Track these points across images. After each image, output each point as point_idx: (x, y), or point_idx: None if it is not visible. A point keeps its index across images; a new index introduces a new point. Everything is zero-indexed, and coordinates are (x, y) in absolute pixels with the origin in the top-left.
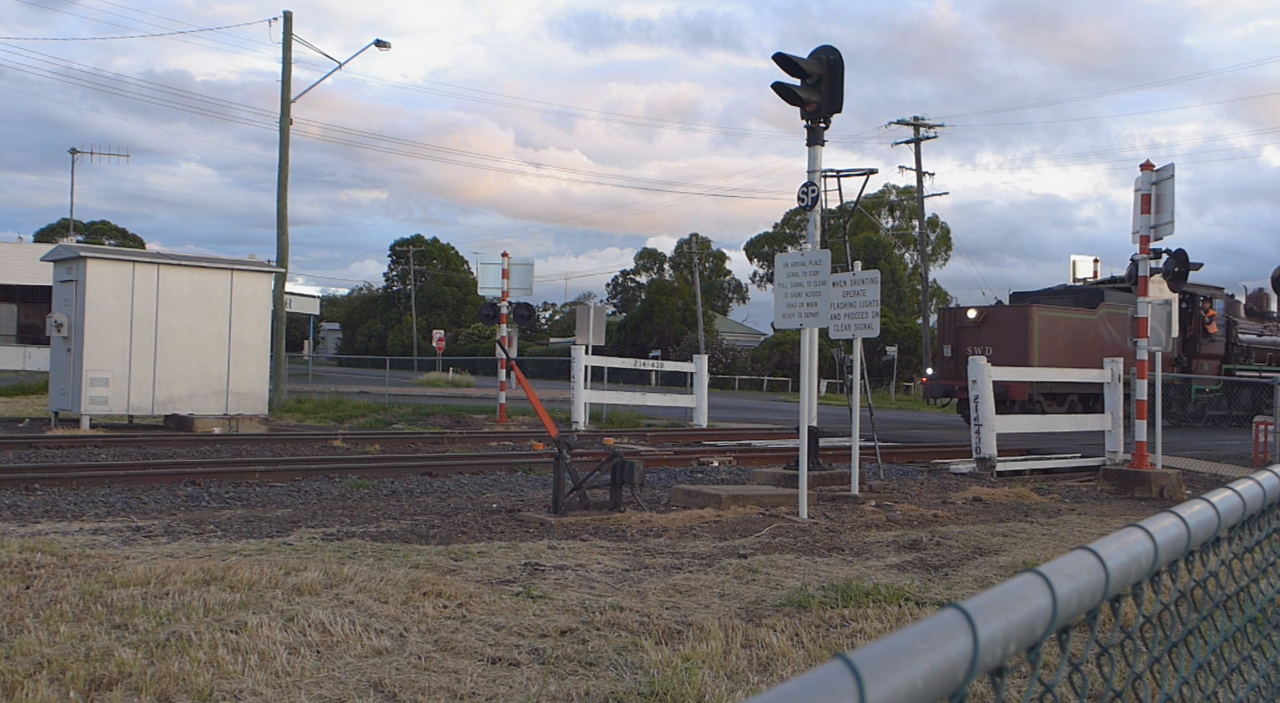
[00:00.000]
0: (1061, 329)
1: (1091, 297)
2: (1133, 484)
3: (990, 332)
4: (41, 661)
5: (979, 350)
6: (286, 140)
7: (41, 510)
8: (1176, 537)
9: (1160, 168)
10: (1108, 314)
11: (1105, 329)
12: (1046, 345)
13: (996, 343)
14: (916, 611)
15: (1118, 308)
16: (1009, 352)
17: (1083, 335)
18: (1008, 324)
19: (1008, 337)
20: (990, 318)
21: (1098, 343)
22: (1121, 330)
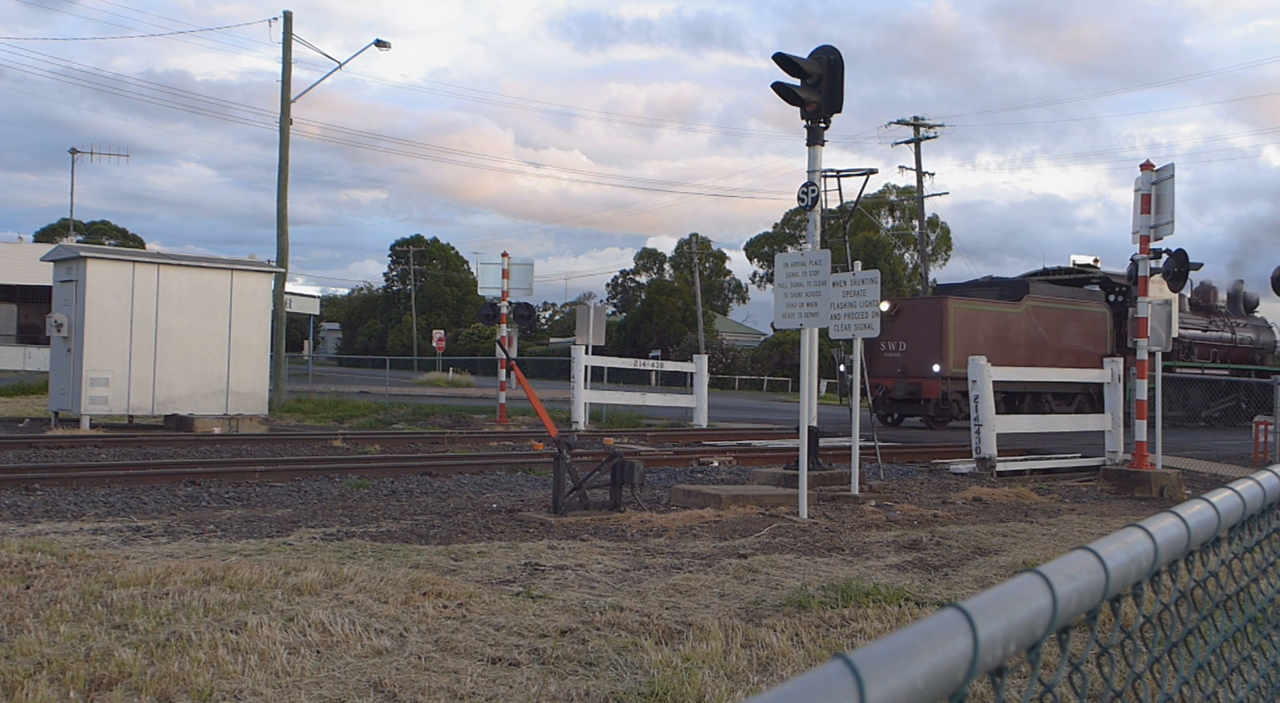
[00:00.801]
0: (981, 323)
1: (1016, 289)
2: (1133, 484)
3: (904, 326)
4: (41, 661)
5: (892, 346)
6: (286, 140)
7: (41, 510)
8: (1176, 537)
9: (1160, 168)
10: (1034, 307)
11: (1030, 323)
12: (963, 340)
13: (910, 337)
14: (916, 611)
15: (1045, 301)
16: (922, 347)
17: (1006, 330)
18: (922, 318)
19: (922, 331)
20: (904, 311)
21: (1022, 337)
22: (1050, 324)
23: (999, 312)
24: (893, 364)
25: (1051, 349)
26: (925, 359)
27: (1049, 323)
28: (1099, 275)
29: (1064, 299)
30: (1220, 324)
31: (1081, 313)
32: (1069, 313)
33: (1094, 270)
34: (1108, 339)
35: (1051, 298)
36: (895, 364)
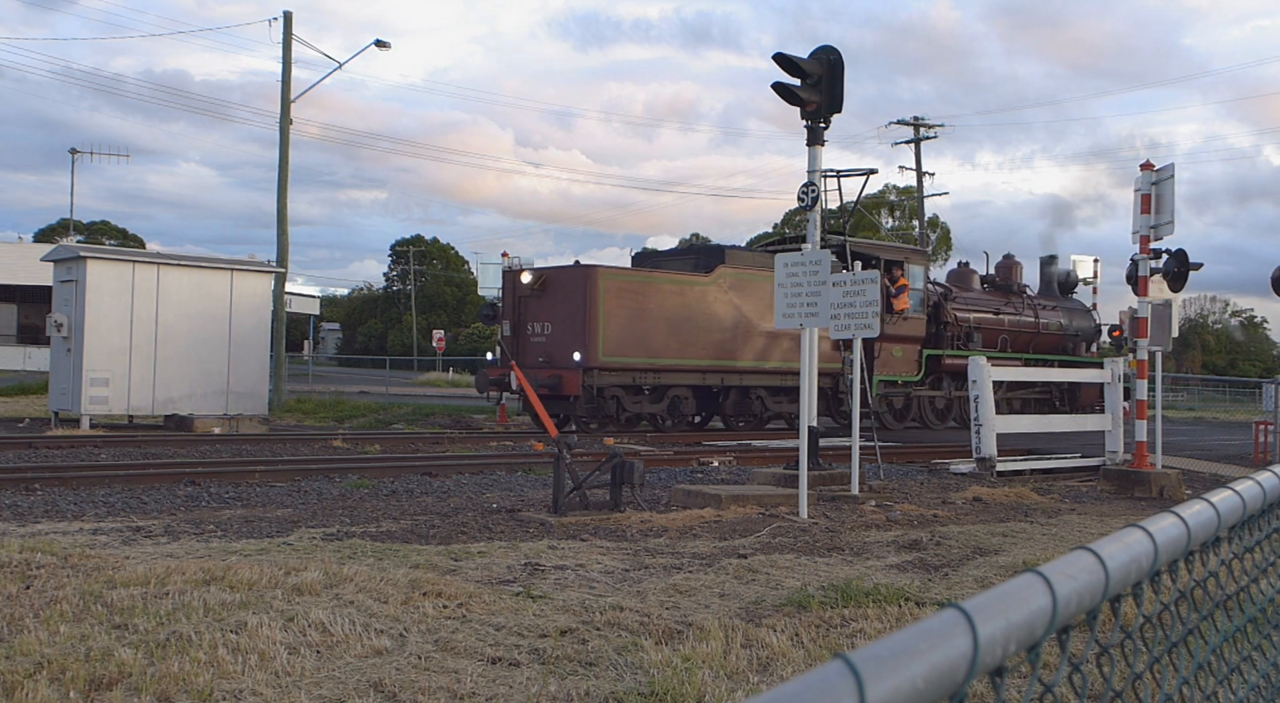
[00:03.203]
0: (649, 300)
1: (709, 258)
2: (1133, 484)
3: (552, 302)
4: (41, 661)
5: (538, 328)
6: (286, 140)
7: (41, 510)
8: (1176, 537)
9: (1160, 168)
10: (730, 279)
11: (725, 300)
12: (619, 321)
13: (555, 318)
14: (916, 611)
15: (746, 271)
16: (567, 328)
17: (687, 309)
18: (568, 293)
19: (567, 310)
20: (551, 283)
21: (708, 315)
22: (756, 302)
23: (676, 286)
24: (537, 351)
25: (760, 333)
26: (568, 345)
27: (754, 300)
28: (836, 244)
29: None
30: (1020, 306)
31: None
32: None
33: (833, 239)
34: None
35: (758, 268)
36: (540, 351)
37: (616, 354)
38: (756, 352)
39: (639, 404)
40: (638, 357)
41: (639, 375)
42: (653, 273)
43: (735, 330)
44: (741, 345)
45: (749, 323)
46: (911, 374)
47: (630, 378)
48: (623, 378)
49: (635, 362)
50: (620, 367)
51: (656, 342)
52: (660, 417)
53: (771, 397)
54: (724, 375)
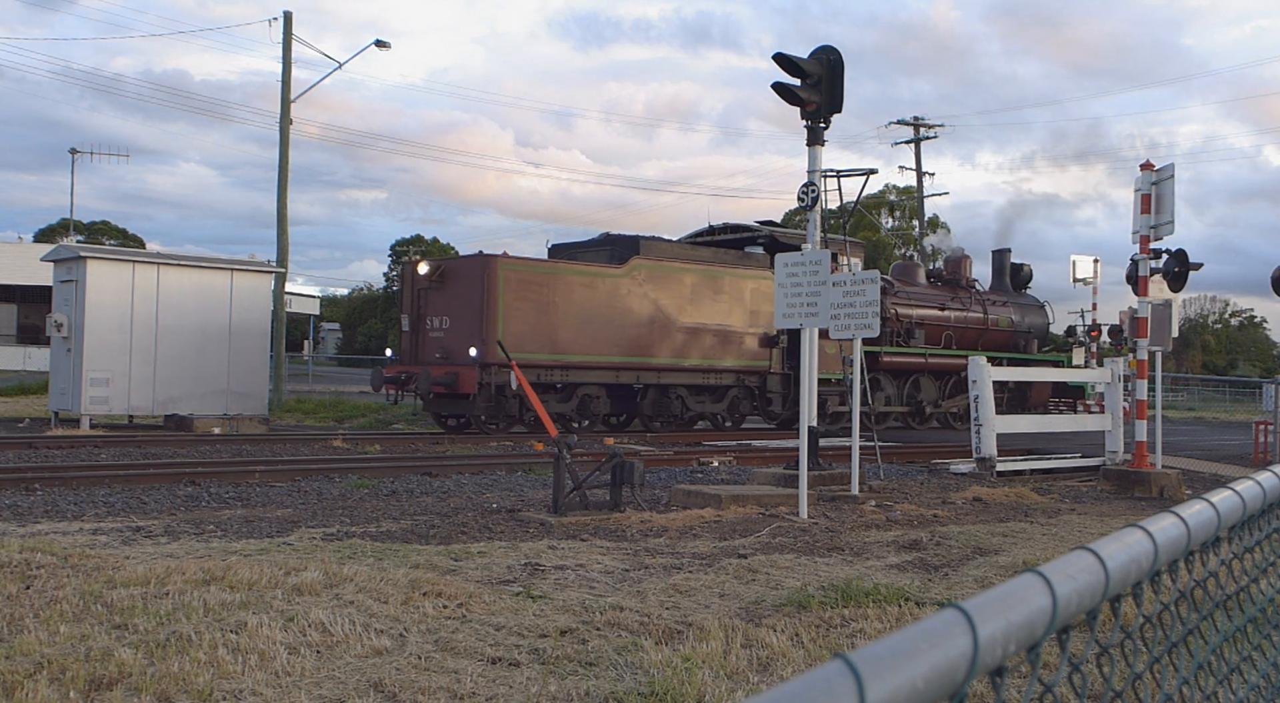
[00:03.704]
0: (555, 293)
1: (624, 249)
2: (1133, 484)
3: (450, 295)
4: (41, 661)
5: (438, 321)
6: (286, 140)
7: (41, 510)
8: (1176, 537)
9: (1160, 168)
10: (645, 272)
11: (636, 292)
12: (521, 315)
13: (455, 310)
14: (917, 611)
15: (663, 263)
16: (465, 322)
17: (596, 300)
18: (468, 283)
19: (465, 303)
20: (449, 275)
21: (621, 310)
22: (674, 296)
23: (586, 278)
24: (436, 347)
25: (679, 329)
26: (466, 340)
27: (672, 294)
28: (764, 234)
29: (701, 263)
30: (967, 301)
31: (732, 280)
32: (708, 281)
33: (758, 229)
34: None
35: (676, 260)
36: (438, 347)
37: (518, 350)
38: (675, 349)
39: (545, 403)
40: (543, 353)
41: (545, 373)
42: (559, 264)
43: (651, 326)
44: (658, 342)
45: (667, 318)
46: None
47: (535, 375)
48: (527, 375)
49: (540, 358)
50: (523, 364)
51: (564, 337)
52: (570, 416)
53: (693, 396)
54: (639, 373)
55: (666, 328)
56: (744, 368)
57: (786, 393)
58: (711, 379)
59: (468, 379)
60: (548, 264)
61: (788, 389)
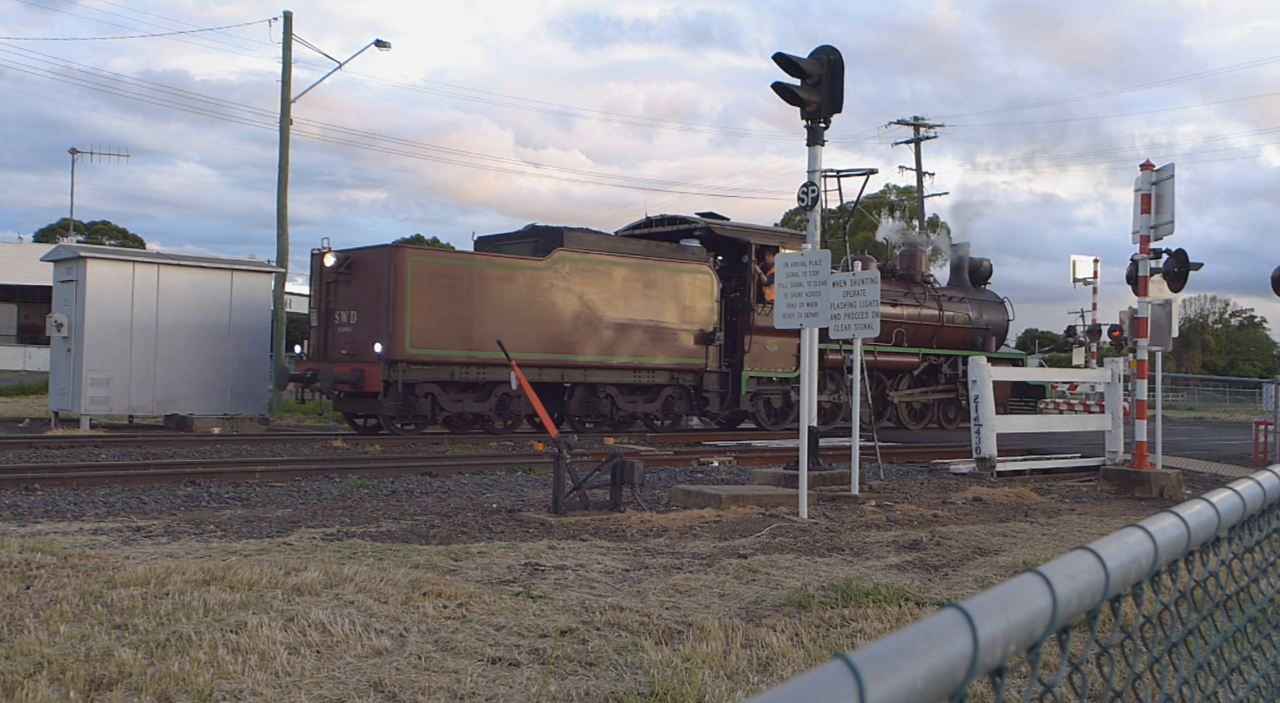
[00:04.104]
0: (470, 284)
1: (549, 240)
2: (1133, 484)
3: (358, 288)
4: (41, 661)
5: (345, 315)
6: (287, 140)
7: (41, 510)
8: (1176, 537)
9: (1160, 168)
10: (569, 265)
11: (560, 286)
12: (432, 306)
13: (362, 303)
14: (917, 611)
15: (589, 255)
16: (372, 316)
17: (515, 294)
18: (375, 276)
19: (372, 296)
20: (356, 267)
21: (543, 304)
22: (595, 287)
23: (504, 270)
24: (343, 342)
25: (607, 325)
26: (372, 335)
27: (599, 288)
28: (700, 226)
29: (631, 256)
30: (921, 297)
31: (665, 275)
32: (639, 274)
33: (695, 221)
34: (713, 311)
35: (602, 253)
36: (345, 342)
37: (428, 346)
38: (603, 346)
39: (460, 402)
40: (456, 349)
41: (458, 370)
42: (474, 256)
43: (577, 322)
44: (585, 338)
45: (594, 313)
46: (789, 370)
47: (448, 373)
48: (438, 373)
49: (453, 355)
50: (434, 360)
51: (480, 333)
52: (488, 416)
53: (624, 396)
54: (564, 371)
55: (593, 324)
56: (678, 366)
57: (725, 392)
58: (644, 378)
59: (373, 377)
60: (461, 255)
61: (726, 388)
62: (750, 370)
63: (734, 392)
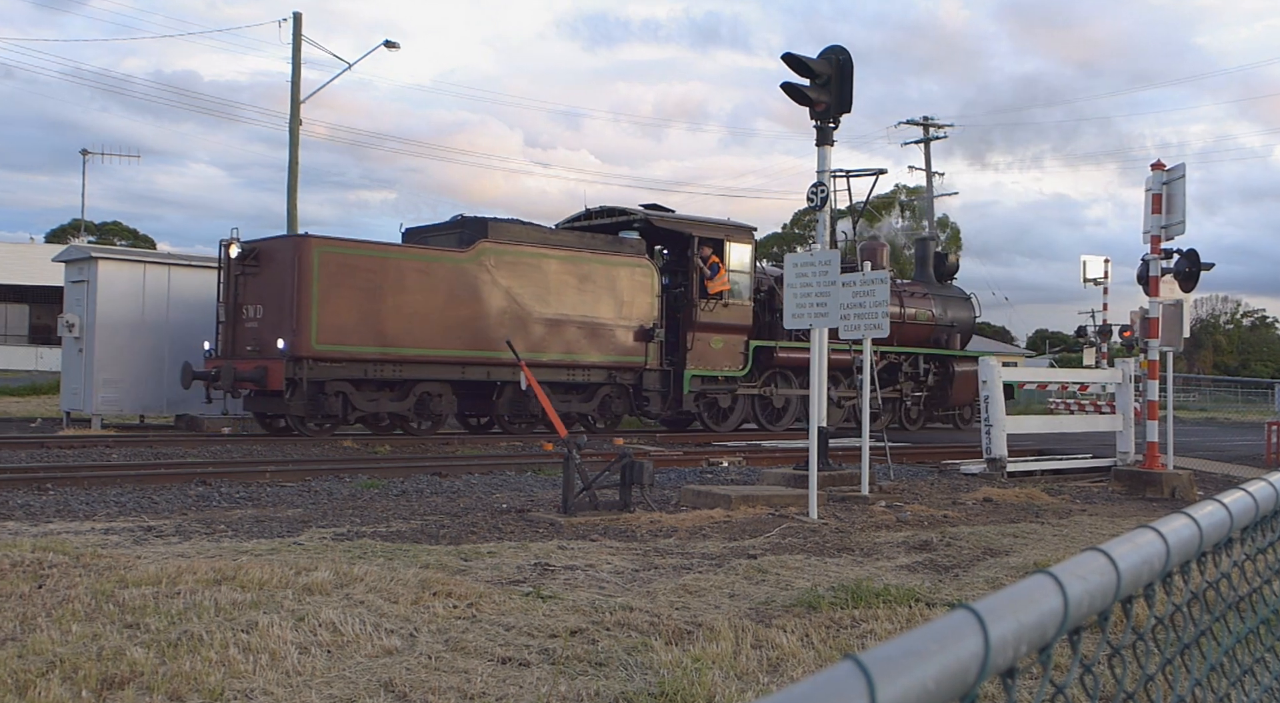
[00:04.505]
0: (385, 276)
1: (474, 231)
2: (1144, 485)
3: (265, 280)
4: (54, 659)
5: (252, 310)
6: (296, 141)
7: (54, 510)
8: (1189, 538)
9: (1171, 167)
10: (494, 257)
11: (484, 279)
12: (341, 300)
13: (268, 297)
14: (927, 611)
15: (515, 247)
16: (278, 310)
17: (435, 287)
18: (280, 268)
19: (280, 287)
20: (263, 258)
21: (466, 298)
22: (523, 280)
23: (422, 262)
24: (249, 338)
25: (537, 320)
26: (277, 331)
27: (528, 281)
28: (639, 218)
29: (563, 248)
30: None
31: (601, 268)
32: (572, 268)
33: (634, 213)
34: (653, 306)
35: (531, 244)
36: (251, 338)
37: (337, 342)
38: (532, 342)
39: (375, 401)
40: (369, 345)
41: (373, 368)
42: (387, 247)
43: (503, 317)
44: (512, 334)
45: (522, 308)
46: (735, 369)
47: (360, 370)
48: (350, 370)
49: (366, 351)
50: (344, 357)
51: (396, 328)
52: (407, 417)
53: (558, 395)
54: (490, 369)
55: (521, 319)
56: (616, 364)
57: (667, 391)
58: (578, 376)
59: (276, 374)
60: (374, 246)
61: (668, 387)
62: (693, 369)
63: (675, 391)
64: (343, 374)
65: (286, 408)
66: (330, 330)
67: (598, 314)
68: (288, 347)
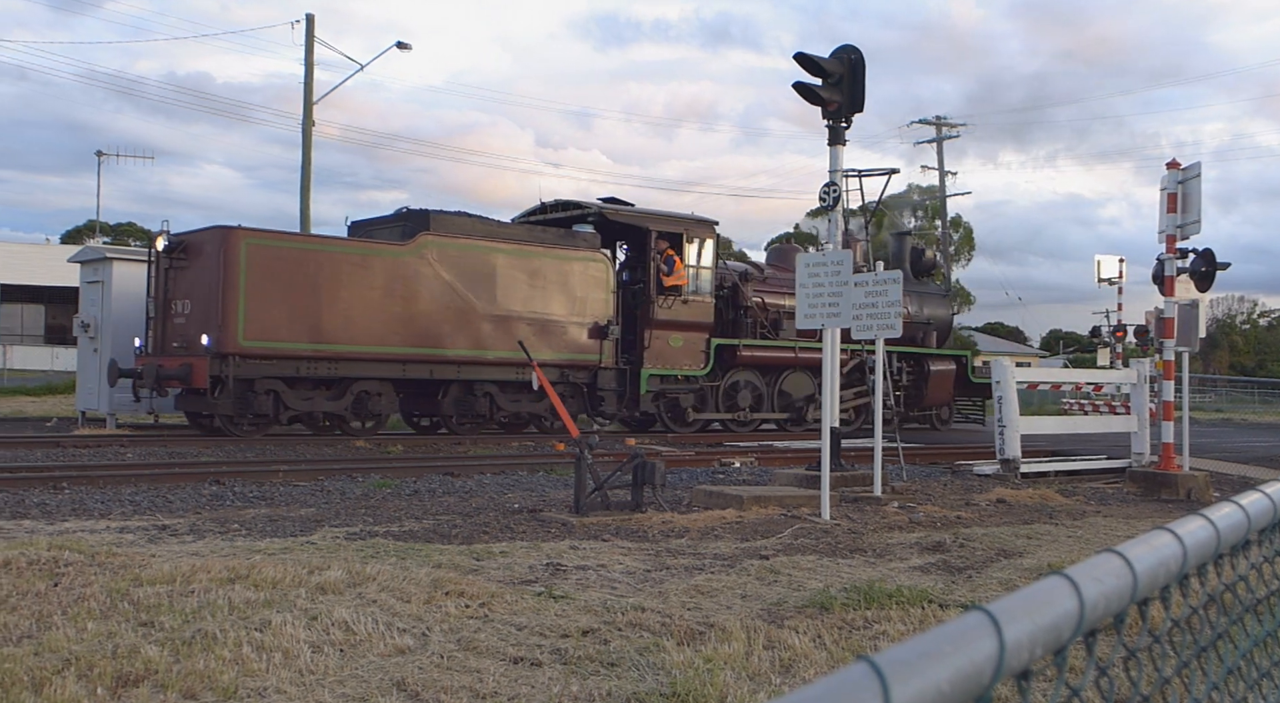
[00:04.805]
0: (319, 270)
1: (415, 223)
2: (1159, 486)
3: (193, 274)
4: (69, 657)
5: (180, 305)
6: (309, 142)
7: (69, 509)
8: (1205, 540)
9: (1186, 166)
10: (436, 250)
11: (426, 273)
12: (271, 294)
13: (196, 291)
14: (940, 613)
15: (458, 240)
16: (204, 306)
17: (373, 281)
18: (207, 261)
19: (204, 283)
20: (191, 251)
21: (406, 293)
22: (467, 274)
23: (358, 255)
24: (177, 334)
25: (483, 316)
26: (203, 326)
27: (472, 275)
28: (593, 212)
29: (511, 241)
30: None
31: (553, 263)
32: (520, 262)
33: (589, 206)
34: (608, 302)
35: (475, 237)
36: (178, 334)
37: (266, 338)
38: (478, 339)
39: (310, 400)
40: (300, 342)
41: (306, 365)
42: (320, 239)
43: (446, 312)
44: (456, 331)
45: (466, 303)
46: (696, 367)
47: (293, 368)
48: (280, 368)
49: (299, 348)
50: (274, 354)
51: (331, 324)
52: (344, 416)
53: (506, 394)
54: (433, 367)
55: (466, 315)
56: (568, 362)
57: (623, 390)
58: (528, 375)
59: (200, 371)
60: (305, 239)
61: (624, 386)
62: (651, 368)
63: (632, 390)
64: (273, 372)
65: (215, 407)
66: (258, 326)
67: (549, 310)
68: (212, 343)
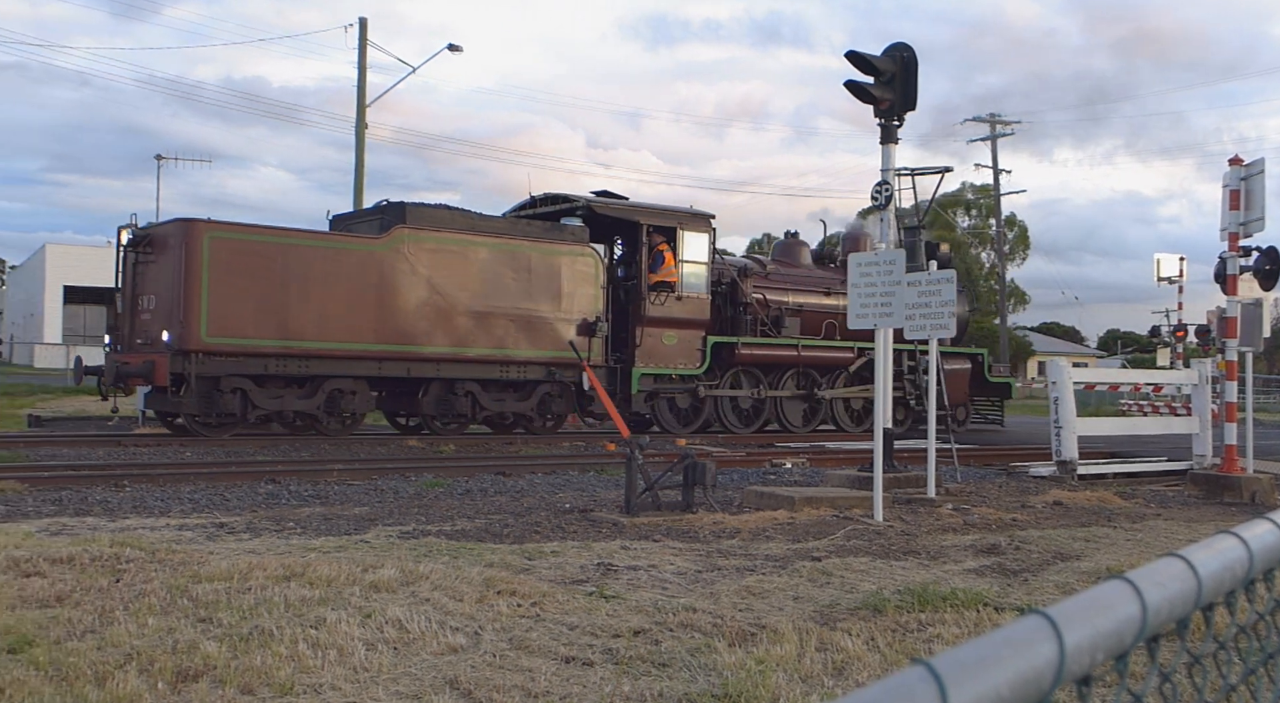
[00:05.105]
0: (289, 264)
1: (391, 217)
2: (1222, 489)
3: (159, 269)
4: (131, 652)
5: (147, 300)
6: (362, 144)
7: (130, 506)
8: (1273, 544)
9: (1250, 163)
10: (412, 244)
11: (402, 268)
12: (237, 289)
13: (161, 287)
14: (995, 616)
15: (436, 234)
16: (168, 302)
17: (346, 276)
18: (172, 255)
19: (169, 278)
20: (156, 245)
21: (381, 288)
22: (446, 269)
23: (330, 249)
24: (143, 330)
25: (463, 312)
26: (165, 322)
27: (452, 270)
28: (581, 205)
29: (493, 235)
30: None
31: (538, 257)
32: (504, 256)
33: (579, 199)
34: (597, 298)
35: (454, 231)
36: (144, 330)
37: (231, 334)
38: (458, 336)
39: (280, 399)
40: (268, 338)
41: (275, 363)
42: (289, 233)
43: (424, 308)
44: (435, 328)
45: (446, 299)
46: (691, 366)
47: (260, 366)
48: (247, 365)
49: (265, 345)
50: (241, 351)
51: (301, 320)
52: (316, 415)
53: (489, 393)
54: (410, 365)
55: (446, 311)
56: (555, 360)
57: (613, 389)
58: (512, 373)
59: (160, 370)
60: (273, 232)
61: (614, 384)
62: (643, 366)
63: (625, 390)
64: (239, 369)
65: (181, 405)
66: (222, 322)
67: (534, 306)
68: (173, 340)
